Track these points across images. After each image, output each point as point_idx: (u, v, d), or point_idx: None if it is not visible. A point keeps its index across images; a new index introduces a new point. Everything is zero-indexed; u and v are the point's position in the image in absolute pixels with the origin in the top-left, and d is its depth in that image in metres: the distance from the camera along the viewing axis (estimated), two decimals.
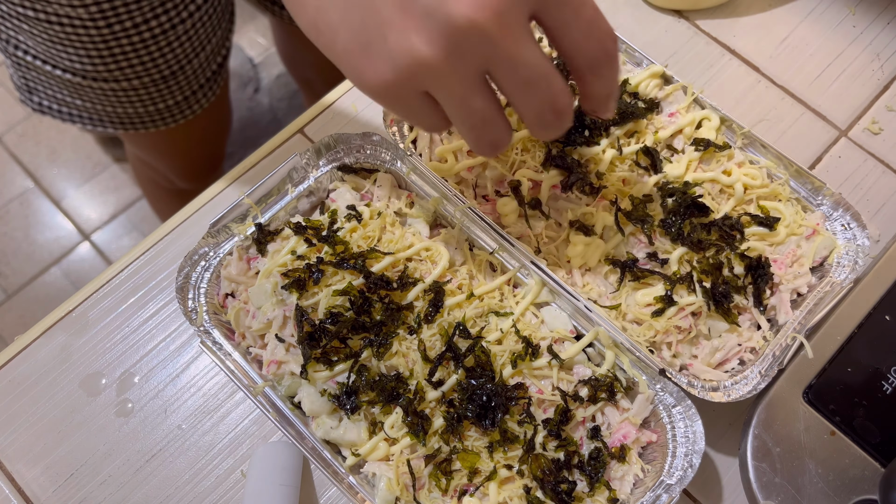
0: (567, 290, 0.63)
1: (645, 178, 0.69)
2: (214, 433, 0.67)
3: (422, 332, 0.61)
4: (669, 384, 0.61)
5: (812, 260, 0.68)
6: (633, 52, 0.74)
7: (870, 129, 0.79)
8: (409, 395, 0.59)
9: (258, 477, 0.61)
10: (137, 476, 0.65)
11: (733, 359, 0.64)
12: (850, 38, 0.84)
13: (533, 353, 0.61)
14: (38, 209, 2.05)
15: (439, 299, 0.62)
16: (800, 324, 0.63)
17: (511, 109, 0.59)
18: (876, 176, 0.78)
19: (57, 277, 1.98)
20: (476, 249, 0.67)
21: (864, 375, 0.62)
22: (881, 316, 0.64)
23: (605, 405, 0.62)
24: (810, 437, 0.60)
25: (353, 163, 0.70)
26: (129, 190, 2.09)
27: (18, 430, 0.67)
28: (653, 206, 0.68)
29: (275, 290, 0.63)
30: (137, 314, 0.71)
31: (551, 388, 0.61)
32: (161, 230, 0.74)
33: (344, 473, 0.59)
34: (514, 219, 0.68)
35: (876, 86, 0.82)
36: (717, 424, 0.66)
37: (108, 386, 0.68)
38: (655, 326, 0.63)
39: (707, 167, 0.70)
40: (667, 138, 0.71)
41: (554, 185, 0.68)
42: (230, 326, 0.65)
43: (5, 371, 0.69)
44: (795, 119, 0.80)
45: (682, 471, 0.58)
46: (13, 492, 0.65)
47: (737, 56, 0.83)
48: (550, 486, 0.58)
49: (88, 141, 2.13)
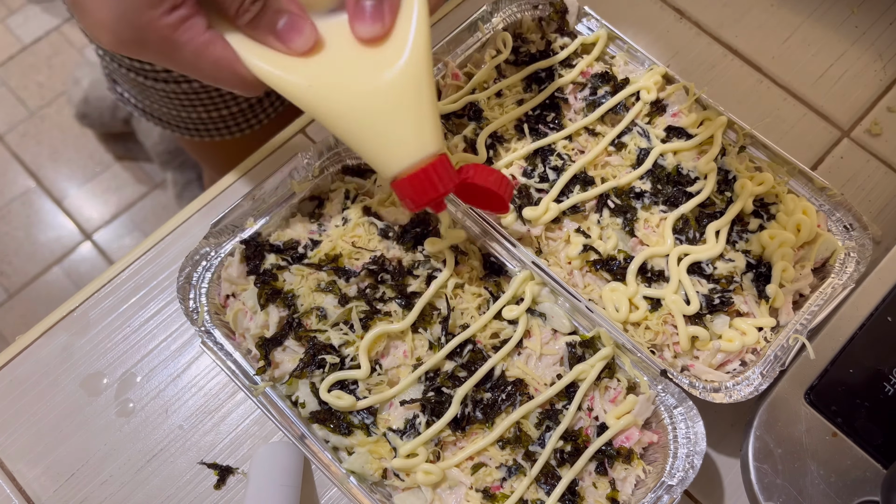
0: (568, 290, 0.63)
1: (628, 171, 0.70)
2: (215, 433, 0.67)
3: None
4: (671, 385, 0.61)
5: (814, 261, 0.67)
6: (636, 51, 0.74)
7: (871, 129, 0.79)
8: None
9: (259, 477, 0.61)
10: (138, 476, 0.65)
11: (735, 360, 0.64)
12: (853, 39, 0.84)
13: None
14: (40, 209, 2.06)
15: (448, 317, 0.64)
16: (801, 325, 0.63)
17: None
18: (878, 177, 0.78)
19: (58, 277, 1.98)
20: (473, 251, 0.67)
21: (865, 376, 0.62)
22: (883, 317, 0.64)
23: (594, 388, 0.62)
24: (812, 438, 0.60)
25: (354, 163, 0.70)
26: (131, 189, 2.09)
27: (20, 430, 0.67)
28: (638, 199, 0.69)
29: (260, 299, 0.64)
30: (139, 314, 0.71)
31: (549, 382, 0.62)
32: (162, 230, 0.74)
33: (345, 474, 0.59)
34: (512, 220, 0.68)
35: (878, 86, 0.82)
36: (718, 425, 0.66)
37: (110, 386, 0.68)
38: (651, 325, 0.63)
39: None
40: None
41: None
42: (231, 327, 0.65)
43: (6, 371, 0.69)
44: (798, 119, 0.80)
45: (683, 472, 0.58)
46: (14, 491, 0.65)
47: (739, 56, 0.83)
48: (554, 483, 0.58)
49: (90, 140, 2.13)
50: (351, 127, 0.53)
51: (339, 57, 0.53)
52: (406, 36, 0.52)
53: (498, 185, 0.57)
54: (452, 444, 0.61)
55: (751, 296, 0.66)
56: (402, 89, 0.52)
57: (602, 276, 0.67)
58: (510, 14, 0.76)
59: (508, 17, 0.76)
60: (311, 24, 0.52)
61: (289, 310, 0.64)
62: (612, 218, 0.68)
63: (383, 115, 0.53)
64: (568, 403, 0.61)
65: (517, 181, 0.69)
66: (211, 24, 0.51)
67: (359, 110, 0.53)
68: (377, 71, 0.52)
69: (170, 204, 2.01)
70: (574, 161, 0.70)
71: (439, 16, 0.83)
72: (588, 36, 0.75)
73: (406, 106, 0.53)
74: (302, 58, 0.53)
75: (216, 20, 0.52)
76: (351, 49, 0.53)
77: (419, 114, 0.53)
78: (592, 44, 0.75)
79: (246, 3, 0.50)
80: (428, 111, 0.53)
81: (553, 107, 0.72)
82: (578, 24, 0.76)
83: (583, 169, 0.69)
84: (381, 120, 0.53)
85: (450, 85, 0.73)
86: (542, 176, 0.69)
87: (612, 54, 0.76)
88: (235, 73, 0.52)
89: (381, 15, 0.51)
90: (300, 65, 0.53)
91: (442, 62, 0.73)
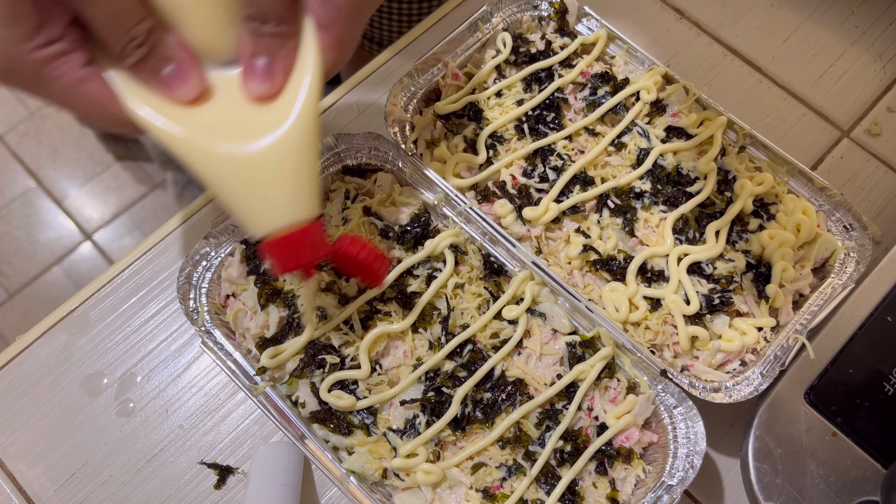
0: (568, 290, 0.63)
1: (628, 171, 0.70)
2: (215, 433, 0.67)
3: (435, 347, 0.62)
4: (671, 385, 0.61)
5: (813, 261, 0.67)
6: (636, 52, 0.74)
7: (871, 129, 0.79)
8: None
9: (259, 477, 0.61)
10: (139, 476, 0.65)
11: (735, 360, 0.64)
12: (853, 39, 0.84)
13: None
14: (40, 209, 2.06)
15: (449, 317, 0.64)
16: (801, 325, 0.63)
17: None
18: (878, 177, 0.78)
19: (58, 277, 1.98)
20: (473, 251, 0.67)
21: (865, 376, 0.62)
22: (883, 317, 0.64)
23: (594, 388, 0.62)
24: (812, 438, 0.60)
25: (355, 163, 0.70)
26: (131, 189, 2.09)
27: (20, 430, 0.67)
28: (638, 199, 0.69)
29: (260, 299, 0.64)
30: (139, 314, 0.71)
31: (548, 382, 0.62)
32: (163, 230, 0.74)
33: (345, 474, 0.59)
34: (512, 220, 0.68)
35: (878, 86, 0.82)
36: (718, 425, 0.66)
37: (110, 386, 0.68)
38: (650, 325, 0.63)
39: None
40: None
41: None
42: (231, 327, 0.65)
43: (7, 371, 0.69)
44: (797, 119, 0.80)
45: (683, 472, 0.58)
46: (14, 491, 0.65)
47: (739, 56, 0.83)
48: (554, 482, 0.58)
49: (90, 140, 2.13)
50: (226, 183, 0.51)
51: (225, 111, 0.52)
52: (295, 99, 0.51)
53: (371, 261, 0.56)
54: (452, 444, 0.61)
55: (751, 296, 0.66)
56: (283, 152, 0.50)
57: (602, 276, 0.67)
58: (510, 14, 0.76)
59: (508, 17, 0.76)
60: (198, 74, 0.51)
61: (289, 310, 0.64)
62: (611, 218, 0.68)
63: (261, 175, 0.51)
64: (568, 403, 0.61)
65: (517, 181, 0.69)
66: (95, 59, 0.50)
67: (236, 169, 0.51)
68: (262, 130, 0.51)
69: (170, 204, 2.00)
70: (574, 161, 0.70)
71: (439, 16, 0.83)
72: (588, 36, 0.75)
73: (285, 169, 0.51)
74: (186, 107, 0.51)
75: (102, 56, 0.50)
76: (239, 105, 0.51)
77: (297, 178, 0.51)
78: (592, 44, 0.75)
79: (129, 47, 0.48)
80: (306, 176, 0.52)
81: (553, 107, 0.72)
82: (578, 24, 0.76)
83: (583, 169, 0.69)
84: (257, 180, 0.51)
85: (450, 85, 0.73)
86: (542, 176, 0.69)
87: (612, 54, 0.76)
88: (109, 114, 0.51)
89: (272, 74, 0.50)
90: (183, 114, 0.51)
91: (442, 62, 0.73)
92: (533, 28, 0.77)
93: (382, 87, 0.80)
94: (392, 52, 0.82)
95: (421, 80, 0.72)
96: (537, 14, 0.77)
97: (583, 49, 0.76)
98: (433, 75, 0.73)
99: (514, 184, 0.69)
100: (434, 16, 0.84)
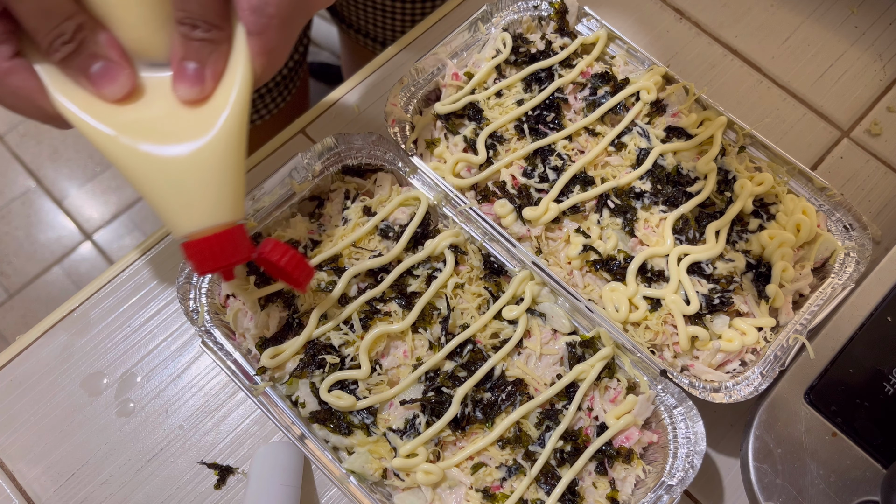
0: (567, 290, 0.63)
1: (628, 171, 0.70)
2: (215, 433, 0.67)
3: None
4: (671, 385, 0.61)
5: (813, 261, 0.67)
6: (636, 52, 0.74)
7: (871, 129, 0.79)
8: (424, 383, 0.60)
9: (259, 477, 0.61)
10: (139, 476, 0.65)
11: (735, 360, 0.64)
12: (853, 39, 0.84)
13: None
14: (40, 208, 2.06)
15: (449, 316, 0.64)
16: (801, 325, 0.63)
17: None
18: (878, 177, 0.78)
19: (58, 277, 1.98)
20: (474, 251, 0.67)
21: (865, 376, 0.62)
22: (883, 317, 0.64)
23: (594, 388, 0.62)
24: (812, 438, 0.60)
25: (355, 163, 0.70)
26: (131, 189, 2.09)
27: (20, 430, 0.67)
28: (638, 199, 0.69)
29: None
30: (139, 314, 0.71)
31: (548, 382, 0.62)
32: (163, 230, 0.74)
33: (345, 474, 0.59)
34: (512, 220, 0.68)
35: (878, 86, 0.82)
36: (718, 425, 0.66)
37: (110, 386, 0.68)
38: (650, 325, 0.63)
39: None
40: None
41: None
42: (231, 327, 0.65)
43: (7, 371, 0.69)
44: (797, 119, 0.80)
45: (683, 472, 0.58)
46: (14, 491, 0.65)
47: (739, 56, 0.83)
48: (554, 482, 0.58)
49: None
50: (149, 183, 0.51)
51: (154, 112, 0.52)
52: (224, 104, 0.51)
53: (292, 268, 0.56)
54: (452, 444, 0.61)
55: (751, 296, 0.66)
56: (208, 155, 0.51)
57: (602, 276, 0.67)
58: (510, 14, 0.76)
59: (508, 17, 0.76)
60: (128, 72, 0.51)
61: (289, 310, 0.64)
62: (611, 218, 0.68)
63: (184, 177, 0.51)
64: (568, 403, 0.61)
65: (517, 181, 0.69)
66: (24, 52, 0.50)
67: (160, 169, 0.51)
68: (189, 133, 0.51)
69: None
70: (574, 161, 0.70)
71: (439, 16, 0.83)
72: (588, 36, 0.75)
73: (209, 172, 0.51)
74: (116, 105, 0.51)
75: (32, 50, 0.50)
76: (169, 107, 0.52)
77: (221, 181, 0.52)
78: (592, 44, 0.75)
79: (56, 42, 0.48)
80: (231, 180, 0.52)
81: (553, 107, 0.72)
82: (578, 24, 0.76)
83: (583, 169, 0.69)
84: (180, 181, 0.51)
85: (450, 85, 0.73)
86: (542, 176, 0.69)
87: (612, 54, 0.76)
88: (36, 106, 0.51)
89: (202, 79, 0.51)
90: (112, 111, 0.51)
91: (442, 62, 0.73)
92: (533, 28, 0.77)
93: (382, 87, 0.80)
94: (392, 52, 0.82)
95: (421, 80, 0.72)
96: (537, 14, 0.77)
97: (583, 49, 0.76)
98: (433, 75, 0.73)
99: (514, 184, 0.69)
100: (434, 16, 0.84)
